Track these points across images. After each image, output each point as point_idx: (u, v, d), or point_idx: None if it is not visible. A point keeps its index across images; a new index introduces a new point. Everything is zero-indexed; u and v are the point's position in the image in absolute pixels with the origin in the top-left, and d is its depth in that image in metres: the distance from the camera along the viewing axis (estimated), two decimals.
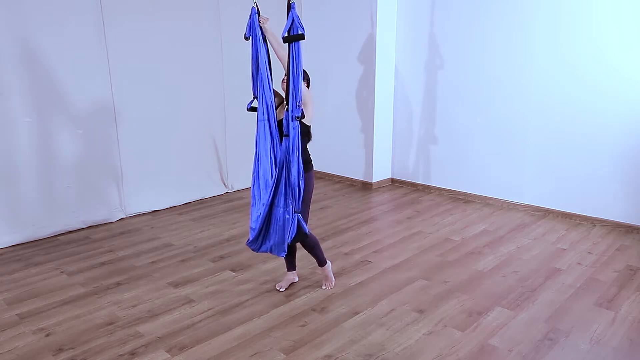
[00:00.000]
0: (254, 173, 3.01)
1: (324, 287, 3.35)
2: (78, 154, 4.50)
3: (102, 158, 4.68)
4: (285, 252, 3.02)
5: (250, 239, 3.04)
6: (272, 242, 2.99)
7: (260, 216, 2.95)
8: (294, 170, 2.81)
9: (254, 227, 3.01)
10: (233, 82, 5.50)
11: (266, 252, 3.07)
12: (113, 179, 4.79)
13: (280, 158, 2.85)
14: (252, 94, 3.00)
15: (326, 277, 3.37)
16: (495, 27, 5.01)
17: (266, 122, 2.92)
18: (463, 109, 5.43)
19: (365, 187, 6.09)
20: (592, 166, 4.59)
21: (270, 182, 2.92)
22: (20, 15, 3.99)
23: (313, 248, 3.21)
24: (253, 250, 3.09)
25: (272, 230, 2.96)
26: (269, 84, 2.91)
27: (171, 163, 5.23)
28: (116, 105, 4.68)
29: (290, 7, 2.70)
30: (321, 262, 3.31)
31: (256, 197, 3.00)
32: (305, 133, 2.96)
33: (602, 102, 4.44)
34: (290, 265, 3.35)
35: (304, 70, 2.93)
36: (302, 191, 2.88)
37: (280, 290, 3.30)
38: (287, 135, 2.79)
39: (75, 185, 4.52)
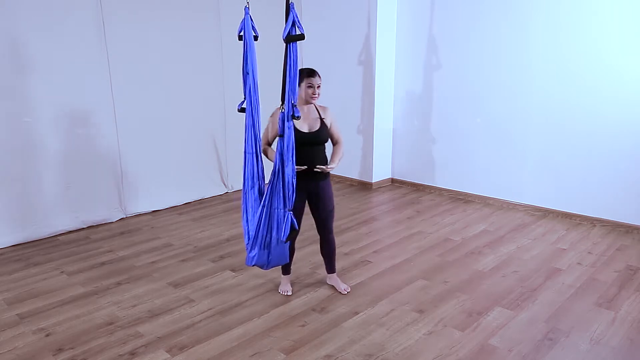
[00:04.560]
0: (242, 203, 2.97)
1: (345, 292, 3.33)
2: (78, 154, 4.50)
3: (102, 158, 4.68)
4: (287, 259, 3.00)
5: (249, 254, 2.95)
6: (272, 246, 2.88)
7: (261, 224, 2.87)
8: (287, 169, 2.81)
9: (252, 254, 2.93)
10: (233, 82, 5.48)
11: (264, 263, 2.93)
12: (113, 179, 4.79)
13: (276, 159, 2.83)
14: (243, 94, 2.95)
15: (341, 281, 3.42)
16: (495, 27, 5.01)
17: (253, 155, 2.88)
18: (463, 109, 5.43)
19: (365, 187, 6.09)
20: (592, 166, 4.59)
21: (256, 217, 2.87)
22: (20, 14, 3.99)
23: (335, 248, 3.34)
24: (252, 264, 2.96)
25: (274, 235, 2.87)
26: (257, 110, 2.84)
27: (171, 163, 5.23)
28: (116, 105, 4.68)
29: (289, 7, 2.70)
30: (335, 268, 3.42)
31: (248, 233, 2.95)
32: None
33: (602, 102, 4.44)
34: (287, 268, 3.33)
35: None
36: (295, 189, 2.87)
37: (288, 294, 3.29)
38: (282, 136, 2.79)
39: (75, 185, 4.52)
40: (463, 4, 5.21)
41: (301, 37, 2.68)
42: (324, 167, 3.02)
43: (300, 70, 2.94)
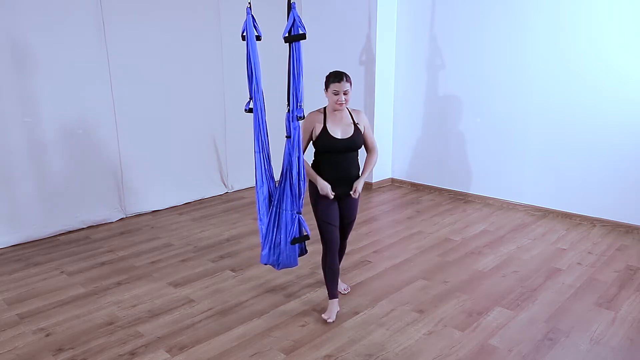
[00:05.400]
0: (256, 203, 2.92)
1: (345, 292, 3.29)
2: (78, 154, 4.50)
3: (102, 158, 4.68)
4: (297, 262, 2.92)
5: (262, 252, 2.92)
6: (281, 247, 2.87)
7: (270, 225, 2.85)
8: (294, 171, 2.80)
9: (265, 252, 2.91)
10: (233, 82, 5.50)
11: (275, 263, 2.90)
12: (113, 179, 4.79)
13: (284, 161, 2.83)
14: (249, 95, 2.94)
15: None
16: (496, 27, 5.01)
17: (261, 154, 2.82)
18: (463, 109, 5.43)
19: (365, 187, 6.08)
20: (592, 166, 4.59)
21: (267, 217, 2.85)
22: (20, 14, 3.99)
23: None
24: (265, 263, 2.94)
25: (282, 235, 2.85)
26: (263, 110, 2.80)
27: (171, 163, 5.23)
28: (116, 105, 4.68)
29: (290, 7, 2.70)
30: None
31: (262, 232, 2.90)
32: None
33: (602, 102, 4.44)
34: (333, 290, 3.05)
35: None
36: (303, 191, 2.86)
37: (330, 320, 2.96)
38: (289, 137, 2.79)
39: (75, 185, 4.52)
40: (463, 4, 5.21)
41: (302, 36, 2.67)
42: (355, 193, 2.93)
43: (327, 75, 2.92)
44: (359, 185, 2.94)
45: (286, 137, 2.79)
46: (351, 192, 2.93)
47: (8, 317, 3.03)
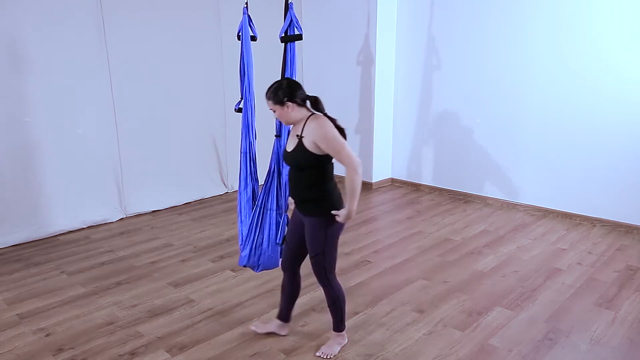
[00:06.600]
0: (237, 204, 2.88)
1: (318, 354, 2.61)
2: (78, 154, 4.50)
3: (102, 158, 4.68)
4: (278, 263, 2.86)
5: (241, 253, 2.84)
6: (263, 248, 2.82)
7: (253, 225, 2.79)
8: (284, 171, 2.79)
9: (245, 254, 2.81)
10: (233, 82, 5.47)
11: (255, 264, 2.83)
12: (113, 179, 4.79)
13: (271, 160, 2.82)
14: (240, 94, 2.93)
15: (330, 345, 2.66)
16: (495, 27, 5.01)
17: (246, 154, 2.79)
18: (463, 109, 5.43)
19: (365, 187, 6.08)
20: (592, 166, 4.59)
21: (249, 218, 2.78)
22: (20, 14, 3.99)
23: (335, 302, 2.57)
24: (244, 264, 2.86)
25: (265, 236, 2.79)
26: (253, 110, 2.77)
27: (171, 163, 5.23)
28: (116, 105, 4.68)
29: (288, 7, 2.71)
30: (338, 326, 2.64)
31: (241, 233, 2.84)
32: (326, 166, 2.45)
33: (602, 102, 4.44)
34: (284, 311, 2.76)
35: (316, 97, 2.49)
36: (287, 191, 2.81)
37: (257, 330, 2.81)
38: (279, 136, 2.79)
39: (75, 185, 4.52)
40: (463, 4, 5.21)
41: (298, 37, 2.68)
42: (337, 214, 2.37)
43: None
44: (343, 211, 2.35)
45: (275, 136, 2.78)
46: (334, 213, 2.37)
47: (8, 317, 3.03)
